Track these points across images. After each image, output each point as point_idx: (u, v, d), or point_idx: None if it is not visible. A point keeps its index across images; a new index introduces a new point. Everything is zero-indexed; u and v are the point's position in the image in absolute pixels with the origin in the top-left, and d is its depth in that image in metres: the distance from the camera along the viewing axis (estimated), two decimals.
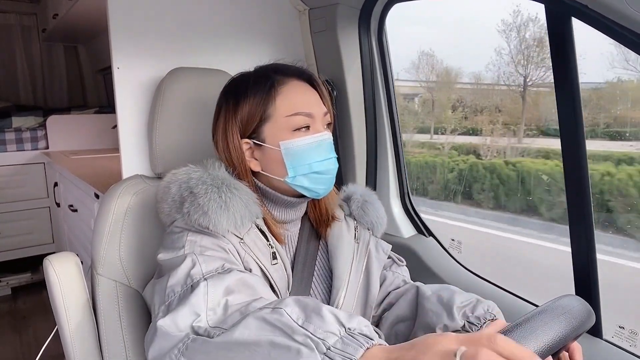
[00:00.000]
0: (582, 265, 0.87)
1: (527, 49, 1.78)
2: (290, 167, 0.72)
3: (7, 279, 2.65)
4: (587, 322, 0.53)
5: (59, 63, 3.39)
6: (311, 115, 0.72)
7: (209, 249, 0.64)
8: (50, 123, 2.75)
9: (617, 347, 0.84)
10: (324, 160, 0.73)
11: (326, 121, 0.75)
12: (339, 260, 0.79)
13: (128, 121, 0.96)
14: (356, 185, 0.92)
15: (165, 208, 0.70)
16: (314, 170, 0.72)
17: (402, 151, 1.26)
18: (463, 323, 0.71)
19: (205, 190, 0.67)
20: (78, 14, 2.27)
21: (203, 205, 0.65)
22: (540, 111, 1.84)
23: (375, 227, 0.87)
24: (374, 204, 0.88)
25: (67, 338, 0.76)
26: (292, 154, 0.71)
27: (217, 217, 0.65)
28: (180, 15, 1.03)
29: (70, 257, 0.80)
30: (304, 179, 0.72)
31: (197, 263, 0.60)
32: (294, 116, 0.71)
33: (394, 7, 1.15)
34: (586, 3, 0.69)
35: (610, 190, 1.40)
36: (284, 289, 0.71)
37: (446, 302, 0.75)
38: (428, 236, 1.25)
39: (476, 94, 2.11)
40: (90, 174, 1.82)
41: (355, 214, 0.86)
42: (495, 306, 0.75)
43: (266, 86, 0.73)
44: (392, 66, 1.24)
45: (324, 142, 0.73)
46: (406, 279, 0.89)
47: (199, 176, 0.69)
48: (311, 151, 0.72)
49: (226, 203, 0.66)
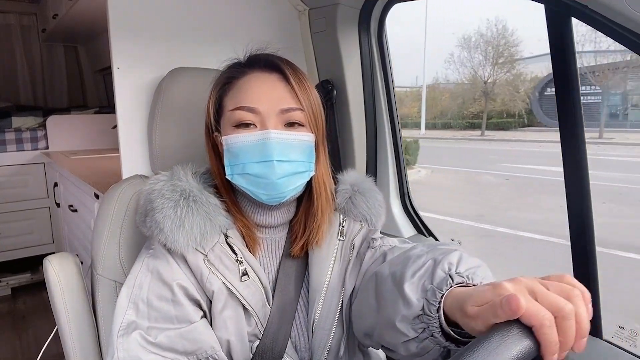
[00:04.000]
0: (581, 264, 0.87)
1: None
2: (228, 165, 0.67)
3: (7, 279, 2.65)
4: None
5: (59, 63, 3.39)
6: (255, 110, 0.64)
7: (154, 296, 0.63)
8: (50, 123, 2.75)
9: (617, 347, 0.84)
10: (259, 162, 0.63)
11: (289, 119, 0.65)
12: (314, 268, 0.71)
13: (128, 121, 0.96)
14: (348, 174, 0.80)
15: (137, 220, 0.68)
16: (246, 172, 0.64)
17: (402, 151, 1.26)
18: (422, 304, 0.50)
19: (162, 205, 0.63)
20: (78, 14, 2.27)
21: (159, 222, 0.62)
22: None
23: (369, 221, 0.77)
24: (366, 193, 0.77)
25: (67, 338, 0.76)
26: (229, 151, 0.66)
27: (173, 235, 0.62)
28: (180, 15, 1.03)
29: (70, 257, 0.80)
30: (240, 178, 0.66)
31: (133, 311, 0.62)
32: (235, 111, 0.65)
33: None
34: (586, 3, 0.69)
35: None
36: (259, 303, 0.66)
37: (399, 279, 0.55)
38: (428, 236, 1.25)
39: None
40: (90, 174, 1.82)
41: (341, 208, 0.76)
42: (462, 257, 0.54)
43: (224, 77, 0.69)
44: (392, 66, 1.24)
45: (266, 142, 0.63)
46: (391, 247, 0.71)
47: (160, 187, 0.66)
48: (247, 150, 0.64)
49: (181, 219, 0.62)
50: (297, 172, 0.66)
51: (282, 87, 0.66)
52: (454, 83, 16.05)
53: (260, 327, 0.67)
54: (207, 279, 0.63)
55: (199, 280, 0.64)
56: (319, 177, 0.71)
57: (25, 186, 2.70)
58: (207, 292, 0.64)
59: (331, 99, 1.16)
